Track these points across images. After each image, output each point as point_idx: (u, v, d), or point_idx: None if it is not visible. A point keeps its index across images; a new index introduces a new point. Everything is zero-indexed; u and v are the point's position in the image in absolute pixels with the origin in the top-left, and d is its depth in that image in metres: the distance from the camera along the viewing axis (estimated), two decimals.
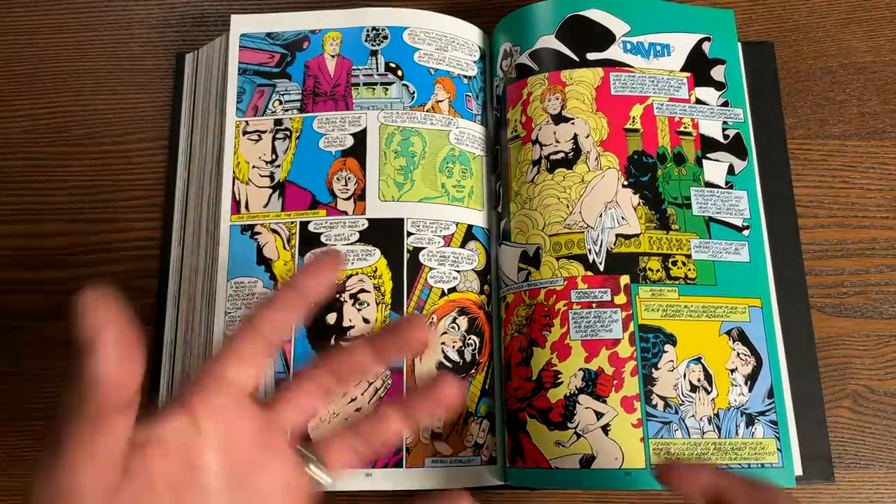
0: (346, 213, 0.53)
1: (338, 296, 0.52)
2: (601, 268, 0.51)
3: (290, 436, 0.33)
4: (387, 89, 0.56)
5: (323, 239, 0.53)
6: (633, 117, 0.54)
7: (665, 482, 0.37)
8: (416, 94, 0.56)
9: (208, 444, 0.29)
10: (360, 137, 0.55)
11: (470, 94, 0.57)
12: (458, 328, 0.52)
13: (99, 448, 0.27)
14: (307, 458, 0.32)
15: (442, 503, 0.30)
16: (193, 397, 0.30)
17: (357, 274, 0.52)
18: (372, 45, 0.57)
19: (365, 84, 0.56)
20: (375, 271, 0.52)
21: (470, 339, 0.52)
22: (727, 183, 0.53)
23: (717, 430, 0.48)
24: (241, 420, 0.30)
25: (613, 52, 0.55)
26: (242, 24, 0.58)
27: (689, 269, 0.51)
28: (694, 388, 0.49)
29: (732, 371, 0.49)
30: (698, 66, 0.56)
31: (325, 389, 0.33)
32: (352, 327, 0.51)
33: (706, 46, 0.56)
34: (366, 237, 0.53)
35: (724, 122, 0.55)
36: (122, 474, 0.28)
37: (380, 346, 0.34)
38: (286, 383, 0.33)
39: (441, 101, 0.56)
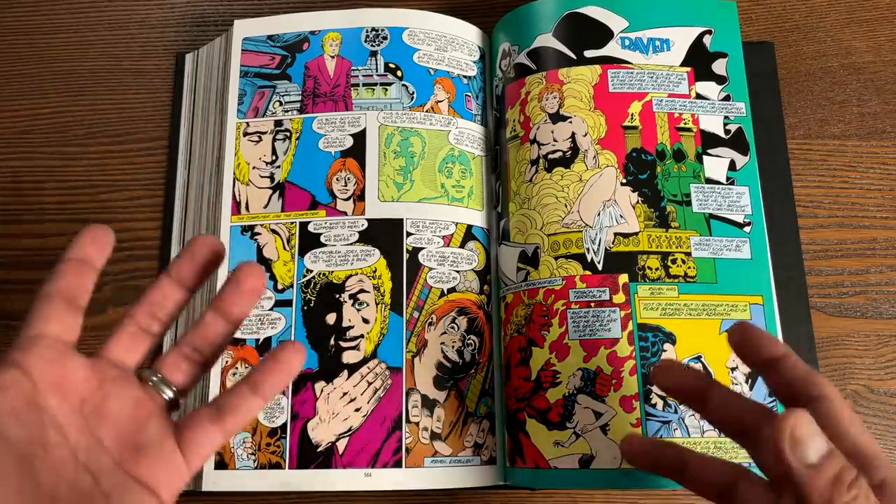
0: (345, 213, 0.53)
1: (337, 296, 0.52)
2: (599, 267, 0.51)
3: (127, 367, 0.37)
4: (386, 90, 0.56)
5: (322, 239, 0.53)
6: (632, 114, 0.54)
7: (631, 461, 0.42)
8: (415, 95, 0.56)
9: (43, 387, 0.33)
10: (360, 138, 0.55)
11: (469, 94, 0.57)
12: (458, 328, 0.52)
13: None
14: (147, 374, 0.37)
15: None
16: (17, 354, 0.34)
17: (356, 274, 0.52)
18: (371, 45, 0.57)
19: (364, 84, 0.56)
20: (375, 271, 0.52)
21: (469, 339, 0.52)
22: (728, 179, 0.53)
23: (717, 430, 0.48)
24: (70, 365, 0.35)
25: (611, 49, 0.55)
26: (245, 28, 0.58)
27: (689, 267, 0.51)
28: None
29: (733, 369, 0.49)
30: (699, 61, 0.56)
31: (145, 328, 0.38)
32: (351, 327, 0.51)
33: (707, 40, 0.56)
34: (365, 237, 0.53)
35: (726, 117, 0.55)
36: None
37: (180, 276, 0.38)
38: (115, 331, 0.38)
39: (440, 102, 0.56)
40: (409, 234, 0.53)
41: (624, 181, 0.52)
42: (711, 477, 0.38)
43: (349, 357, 0.51)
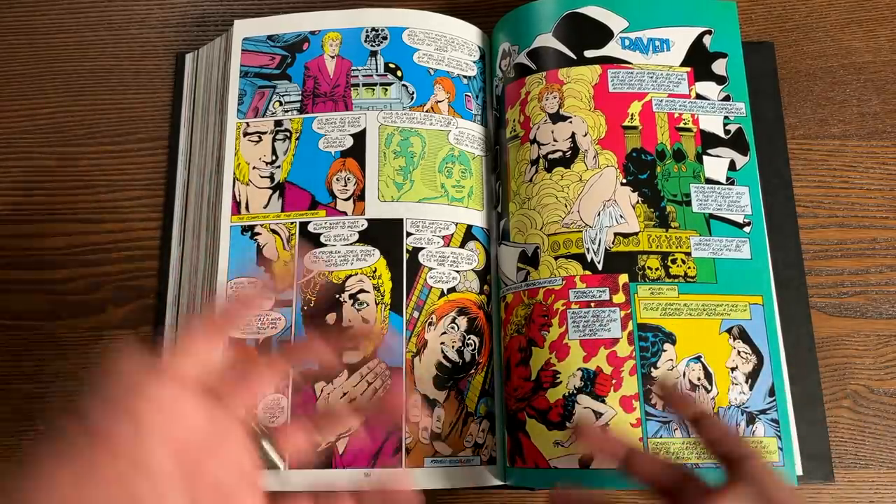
0: (345, 213, 0.53)
1: (337, 296, 0.52)
2: (599, 267, 0.51)
3: (244, 418, 0.33)
4: (386, 90, 0.56)
5: (322, 239, 0.53)
6: (632, 114, 0.54)
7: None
8: (415, 95, 0.56)
9: (152, 436, 0.29)
10: (360, 138, 0.55)
11: (469, 94, 0.57)
12: (458, 328, 0.52)
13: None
14: (260, 436, 0.33)
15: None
16: (132, 396, 0.30)
17: (356, 274, 0.52)
18: (371, 45, 0.57)
19: (364, 85, 0.56)
20: (375, 271, 0.52)
21: (469, 339, 0.52)
22: (728, 179, 0.53)
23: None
24: (186, 409, 0.30)
25: (611, 49, 0.55)
26: (245, 28, 0.58)
27: (689, 267, 0.51)
28: (694, 387, 0.49)
29: (733, 370, 0.49)
30: (699, 61, 0.56)
31: (278, 379, 0.37)
32: (351, 327, 0.51)
33: (707, 40, 0.56)
34: (365, 237, 0.53)
35: (726, 118, 0.55)
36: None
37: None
38: (239, 369, 0.34)
39: (440, 102, 0.56)
40: (409, 234, 0.53)
41: (624, 181, 0.52)
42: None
43: (349, 357, 0.51)
